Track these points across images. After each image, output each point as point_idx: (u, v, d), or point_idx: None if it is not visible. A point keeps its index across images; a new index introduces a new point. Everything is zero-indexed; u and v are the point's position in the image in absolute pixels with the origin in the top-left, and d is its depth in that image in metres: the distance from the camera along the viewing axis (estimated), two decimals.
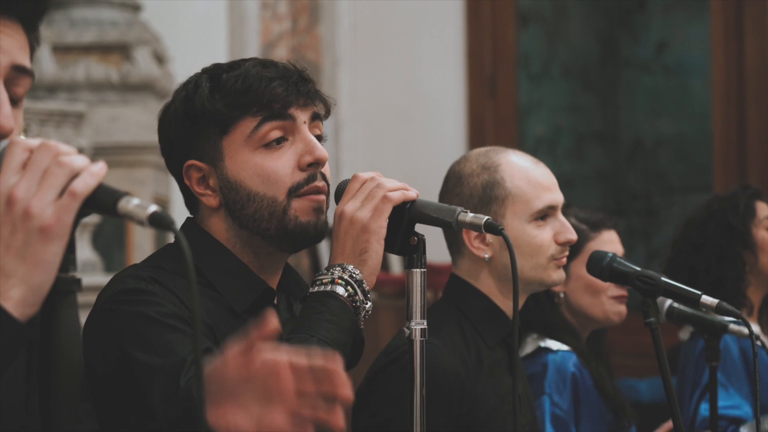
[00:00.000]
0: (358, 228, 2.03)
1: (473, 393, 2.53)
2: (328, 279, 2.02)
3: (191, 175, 2.11)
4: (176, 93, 2.15)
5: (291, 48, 6.86)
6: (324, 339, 1.95)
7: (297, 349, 1.89)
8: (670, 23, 6.67)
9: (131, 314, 1.93)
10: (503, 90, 6.85)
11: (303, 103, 2.10)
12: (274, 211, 2.06)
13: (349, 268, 2.02)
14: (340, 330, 1.98)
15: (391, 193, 2.05)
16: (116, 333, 1.93)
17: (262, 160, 2.07)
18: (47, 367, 1.42)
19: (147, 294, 1.95)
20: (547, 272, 2.62)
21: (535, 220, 2.62)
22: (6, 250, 1.37)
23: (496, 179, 2.62)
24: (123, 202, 1.40)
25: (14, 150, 1.41)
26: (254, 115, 2.07)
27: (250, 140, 2.07)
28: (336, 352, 1.95)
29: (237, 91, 2.07)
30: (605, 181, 6.79)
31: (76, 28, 5.68)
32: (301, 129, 2.09)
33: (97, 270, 5.18)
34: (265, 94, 2.06)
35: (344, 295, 2.00)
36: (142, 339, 1.91)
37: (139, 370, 1.89)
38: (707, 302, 2.46)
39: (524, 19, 6.91)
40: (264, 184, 2.06)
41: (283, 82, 2.08)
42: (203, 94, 2.08)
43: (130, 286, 1.97)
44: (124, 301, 1.95)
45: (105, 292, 2.01)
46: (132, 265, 2.10)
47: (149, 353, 1.89)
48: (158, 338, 1.90)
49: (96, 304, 2.01)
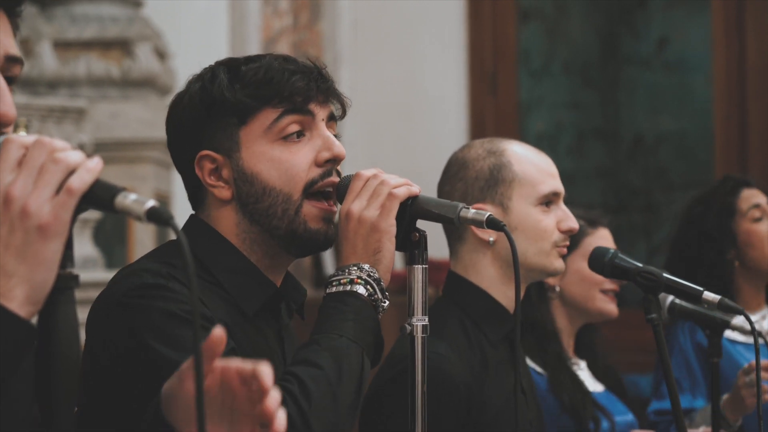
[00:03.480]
0: (367, 227, 2.01)
1: (480, 397, 2.52)
2: (347, 279, 2.00)
3: (204, 165, 2.07)
4: (189, 83, 2.11)
5: (292, 44, 6.86)
6: (352, 339, 1.93)
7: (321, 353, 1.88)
8: (671, 20, 6.66)
9: (153, 309, 1.90)
10: (504, 87, 6.84)
11: (322, 100, 2.09)
12: (287, 209, 2.03)
13: (366, 267, 2.00)
14: (364, 329, 1.97)
15: (396, 189, 2.03)
16: (135, 326, 1.89)
17: (279, 153, 2.04)
18: (46, 364, 1.41)
19: (168, 290, 1.92)
20: (549, 259, 2.62)
21: (541, 205, 2.62)
22: (5, 249, 1.37)
23: (503, 162, 2.62)
24: (120, 197, 1.39)
25: (9, 147, 1.40)
26: (275, 106, 2.04)
27: (269, 132, 2.04)
28: (362, 350, 1.94)
29: (259, 82, 2.04)
30: (606, 177, 6.78)
31: (76, 24, 5.68)
32: (319, 125, 2.08)
33: (98, 266, 5.17)
34: (286, 87, 2.04)
35: (365, 295, 1.99)
36: (166, 333, 1.88)
37: (163, 363, 1.85)
38: (709, 298, 2.46)
39: (525, 15, 6.90)
40: (281, 179, 2.03)
41: (304, 76, 2.06)
42: (222, 84, 2.05)
43: (151, 281, 1.93)
44: (145, 296, 1.91)
45: (120, 285, 1.95)
46: (142, 260, 2.06)
47: (173, 348, 1.86)
48: (182, 334, 1.87)
49: (108, 296, 1.96)
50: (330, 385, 1.87)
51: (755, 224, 3.55)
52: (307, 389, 1.85)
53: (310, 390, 1.85)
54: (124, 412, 1.91)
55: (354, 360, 1.92)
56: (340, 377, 1.88)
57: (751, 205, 3.57)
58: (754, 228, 3.55)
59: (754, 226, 3.55)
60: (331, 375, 1.88)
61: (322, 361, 1.89)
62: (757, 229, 3.55)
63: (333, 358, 1.89)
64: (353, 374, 1.91)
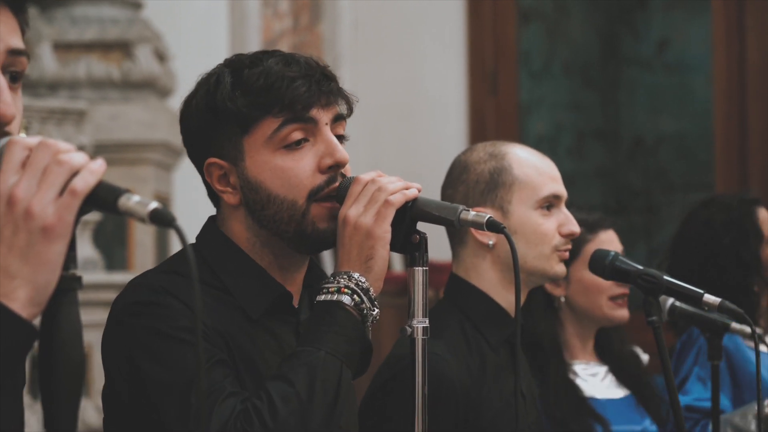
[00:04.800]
0: (362, 234, 2.01)
1: (478, 400, 2.52)
2: (335, 288, 2.00)
3: (212, 171, 2.08)
4: (198, 85, 2.11)
5: (292, 46, 6.86)
6: (331, 352, 1.94)
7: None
8: (671, 21, 6.67)
9: (141, 328, 1.92)
10: (504, 87, 6.84)
11: (325, 103, 2.07)
12: (293, 215, 2.04)
13: (355, 276, 2.00)
14: (348, 341, 1.97)
15: (392, 197, 2.02)
16: (126, 347, 1.92)
17: (282, 162, 2.04)
18: (48, 365, 1.41)
19: (159, 307, 1.92)
20: (549, 263, 2.61)
21: (541, 209, 2.62)
22: (9, 250, 1.37)
23: (503, 165, 2.62)
24: (123, 199, 1.39)
25: (13, 149, 1.40)
26: (276, 116, 2.03)
27: (271, 141, 2.04)
28: (341, 362, 1.95)
29: (259, 90, 2.03)
30: (606, 178, 6.79)
31: (77, 26, 5.68)
32: (323, 130, 2.07)
33: (98, 268, 5.17)
34: (286, 95, 2.03)
35: (350, 305, 1.99)
36: (153, 354, 1.90)
37: (150, 385, 1.88)
38: (709, 301, 2.46)
39: (525, 16, 6.91)
40: (284, 187, 2.03)
41: (305, 81, 2.04)
42: (225, 91, 2.05)
43: (143, 297, 1.95)
44: (134, 314, 1.93)
45: (120, 300, 1.99)
46: (148, 271, 2.08)
47: (161, 368, 1.88)
48: (170, 353, 1.89)
49: (111, 312, 1.99)
50: (300, 403, 1.89)
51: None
52: (275, 408, 1.87)
53: (278, 408, 1.87)
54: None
55: (331, 374, 1.93)
56: (311, 395, 1.90)
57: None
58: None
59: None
60: (302, 393, 1.90)
61: (296, 377, 1.91)
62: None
63: (308, 374, 1.91)
64: (328, 389, 1.92)
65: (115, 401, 1.98)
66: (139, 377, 1.90)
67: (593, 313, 3.26)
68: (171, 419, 1.86)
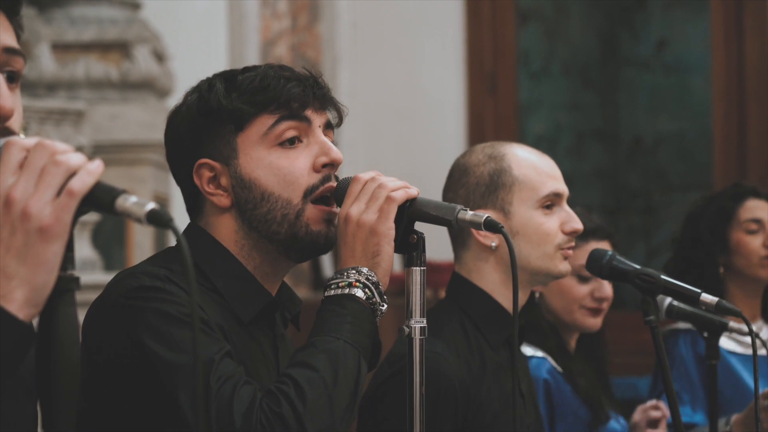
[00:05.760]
0: (366, 231, 2.01)
1: (478, 398, 2.52)
2: (345, 282, 2.00)
3: (202, 173, 2.08)
4: (187, 95, 2.13)
5: (291, 46, 6.86)
6: (349, 341, 1.94)
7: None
8: (670, 21, 6.67)
9: (149, 310, 1.90)
10: (503, 88, 6.84)
11: (318, 107, 2.10)
12: (287, 214, 2.04)
13: (364, 271, 2.00)
14: (362, 332, 1.97)
15: (394, 193, 2.03)
16: (131, 326, 1.90)
17: (277, 159, 2.05)
18: (46, 366, 1.41)
19: (164, 292, 1.92)
20: (553, 262, 2.61)
21: (542, 208, 2.61)
22: (6, 251, 1.37)
23: (503, 167, 2.62)
24: (121, 199, 1.40)
25: (11, 150, 1.41)
26: (271, 112, 2.06)
27: (266, 138, 2.05)
28: (359, 353, 1.95)
29: (255, 89, 2.06)
30: (605, 179, 6.79)
31: (75, 26, 5.68)
32: (316, 132, 2.09)
33: (96, 268, 5.17)
34: (282, 93, 2.05)
35: (363, 298, 1.99)
36: (164, 336, 1.88)
37: (161, 367, 1.87)
38: (707, 300, 2.46)
39: (524, 16, 6.91)
40: (279, 184, 2.04)
41: (300, 83, 2.08)
42: (219, 92, 2.07)
43: (148, 283, 1.93)
44: (142, 297, 1.92)
45: (117, 287, 1.96)
46: (141, 264, 2.06)
47: (172, 350, 1.87)
48: (181, 336, 1.88)
49: (106, 297, 1.97)
50: (326, 387, 1.88)
51: (748, 236, 3.55)
52: (303, 391, 1.86)
53: (306, 392, 1.86)
54: (121, 413, 1.91)
55: (351, 363, 1.93)
56: (336, 380, 1.89)
57: (750, 217, 3.57)
58: (745, 239, 3.55)
59: (746, 238, 3.55)
60: (327, 377, 1.88)
61: (319, 364, 1.89)
62: (748, 240, 3.54)
63: (329, 361, 1.90)
64: (349, 377, 1.91)
65: (96, 384, 1.93)
66: (145, 357, 1.88)
67: (563, 317, 3.30)
68: (183, 399, 1.85)
